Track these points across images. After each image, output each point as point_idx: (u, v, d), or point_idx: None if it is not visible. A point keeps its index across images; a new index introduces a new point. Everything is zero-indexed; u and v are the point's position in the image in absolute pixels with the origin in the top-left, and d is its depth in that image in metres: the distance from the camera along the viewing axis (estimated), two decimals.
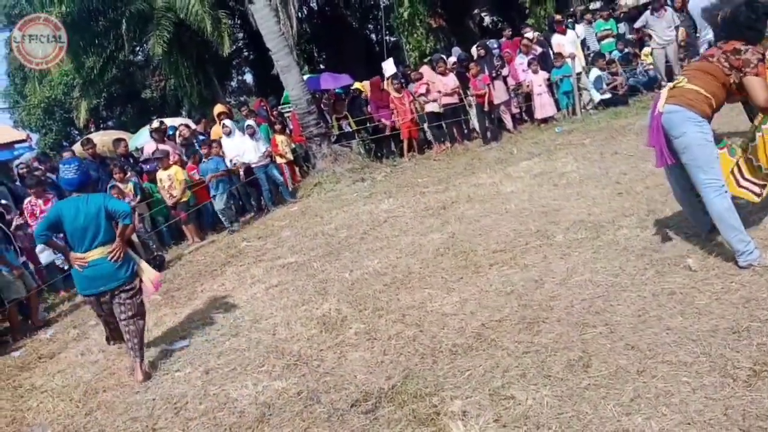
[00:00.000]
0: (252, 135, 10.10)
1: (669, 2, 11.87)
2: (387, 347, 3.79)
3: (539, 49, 11.99)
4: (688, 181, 3.79)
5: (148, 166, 9.55)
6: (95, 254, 4.27)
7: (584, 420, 2.60)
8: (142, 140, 11.95)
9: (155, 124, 10.69)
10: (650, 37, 11.57)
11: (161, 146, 9.76)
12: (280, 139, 10.85)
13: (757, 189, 3.88)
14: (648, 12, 11.59)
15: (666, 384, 2.69)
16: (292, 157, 11.16)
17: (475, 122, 12.00)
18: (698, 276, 3.62)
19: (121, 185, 8.28)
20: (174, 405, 3.76)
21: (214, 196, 9.20)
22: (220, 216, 9.28)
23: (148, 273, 4.59)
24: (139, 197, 8.63)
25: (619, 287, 3.76)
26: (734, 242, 3.57)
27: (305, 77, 13.43)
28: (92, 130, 20.33)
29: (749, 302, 3.18)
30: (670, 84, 3.76)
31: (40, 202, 7.79)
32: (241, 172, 10.06)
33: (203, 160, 9.56)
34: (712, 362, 2.76)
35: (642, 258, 4.09)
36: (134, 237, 7.17)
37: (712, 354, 2.82)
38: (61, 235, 4.44)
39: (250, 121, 10.48)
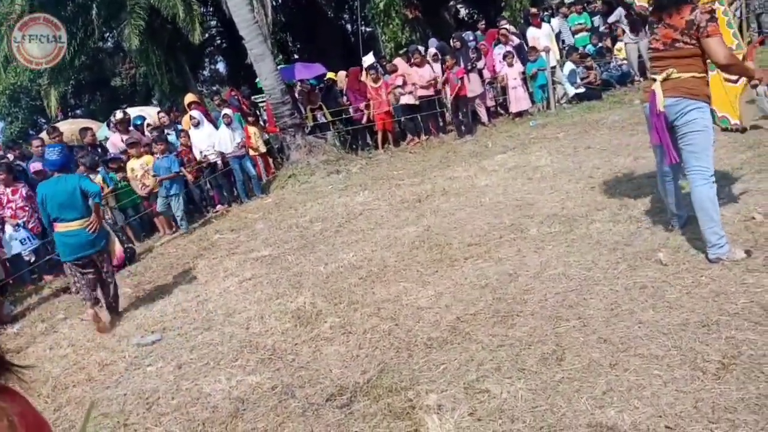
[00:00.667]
0: (228, 124, 9.97)
1: None
2: (362, 341, 3.78)
3: (516, 41, 12.05)
4: (678, 171, 3.91)
5: (112, 154, 9.32)
6: (74, 225, 5.19)
7: (558, 413, 2.63)
8: (106, 132, 11.70)
9: (119, 115, 10.45)
10: (623, 32, 11.70)
11: (127, 135, 9.57)
12: (252, 131, 10.72)
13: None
14: (621, 7, 11.71)
15: (638, 377, 2.73)
16: (264, 149, 11.06)
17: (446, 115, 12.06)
18: (669, 270, 3.68)
19: (91, 176, 8.09)
20: (146, 400, 3.71)
21: (170, 196, 8.85)
22: (178, 216, 8.89)
23: (116, 245, 5.90)
24: (111, 187, 8.46)
25: (592, 281, 3.81)
26: (708, 233, 3.64)
27: (279, 67, 13.27)
28: (60, 118, 19.84)
29: (719, 296, 3.25)
30: (658, 78, 3.77)
31: (9, 191, 7.60)
32: (219, 162, 9.91)
33: (157, 156, 9.05)
34: (683, 355, 2.81)
35: (614, 252, 4.15)
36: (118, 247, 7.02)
37: (682, 347, 2.87)
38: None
39: (227, 110, 10.35)
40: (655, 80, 3.79)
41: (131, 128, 10.49)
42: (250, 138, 10.54)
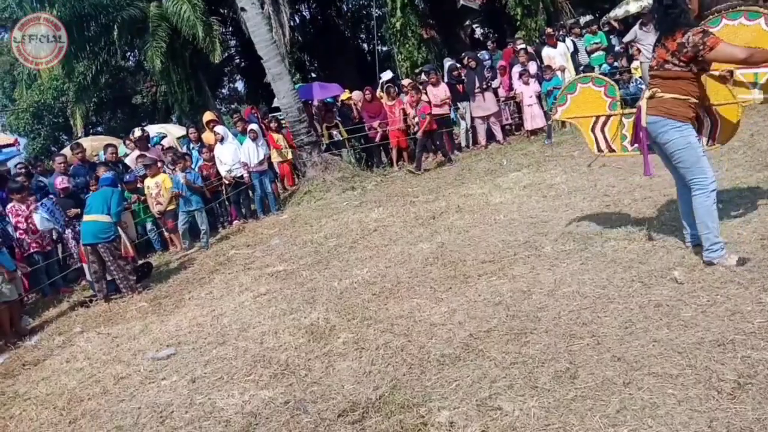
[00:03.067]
0: (254, 139, 10.13)
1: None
2: (375, 357, 3.78)
3: (533, 64, 12.12)
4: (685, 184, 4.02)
5: (128, 177, 9.45)
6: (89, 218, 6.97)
7: (571, 431, 2.61)
8: (124, 150, 11.87)
9: (137, 132, 10.61)
10: (639, 51, 11.70)
11: (148, 154, 9.72)
12: (276, 137, 10.89)
13: (604, 146, 4.59)
14: (637, 26, 11.74)
15: (652, 396, 2.70)
16: (290, 156, 11.19)
17: (462, 134, 12.12)
18: (684, 288, 3.65)
19: None
20: (159, 414, 3.73)
21: (191, 211, 8.97)
22: (202, 230, 8.97)
23: (126, 244, 7.22)
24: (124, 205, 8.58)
25: (606, 299, 3.78)
26: (704, 238, 3.86)
27: (296, 86, 13.45)
28: (81, 135, 20.22)
29: (734, 315, 3.21)
30: (647, 94, 3.95)
31: (23, 207, 7.80)
32: (246, 177, 10.00)
33: (178, 171, 9.15)
34: (698, 374, 2.78)
35: (629, 270, 4.12)
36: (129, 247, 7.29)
37: (697, 366, 2.84)
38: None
39: (254, 125, 10.51)
40: (644, 97, 3.96)
41: (150, 146, 10.67)
42: (276, 142, 10.64)
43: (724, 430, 2.39)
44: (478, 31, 24.26)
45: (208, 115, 11.53)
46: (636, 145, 4.32)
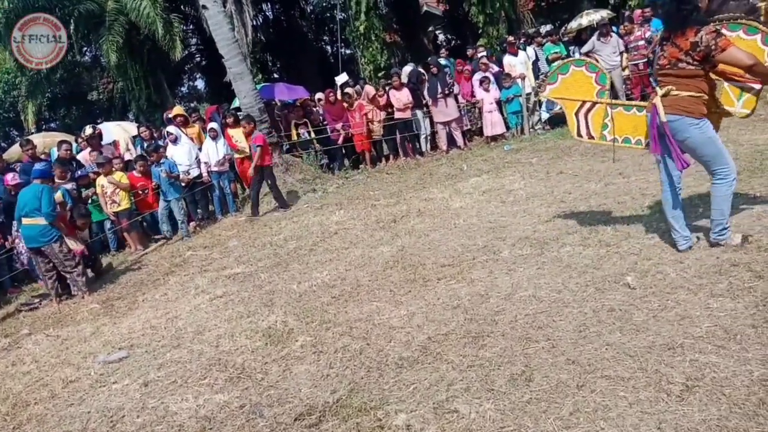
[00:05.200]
0: (214, 138, 9.96)
1: (614, 29, 12.36)
2: (333, 360, 3.76)
3: (495, 68, 12.29)
4: (674, 183, 4.19)
5: (80, 171, 9.24)
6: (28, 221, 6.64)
7: None
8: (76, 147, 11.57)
9: (88, 130, 10.33)
10: (597, 61, 11.97)
11: (95, 154, 9.46)
12: (232, 132, 10.69)
13: (584, 132, 4.71)
14: (595, 37, 12.03)
15: (604, 398, 2.76)
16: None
17: (422, 138, 12.22)
18: (636, 294, 3.74)
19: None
20: (110, 418, 3.62)
21: (169, 200, 8.95)
22: (176, 221, 9.04)
23: (74, 244, 7.01)
24: (69, 204, 8.33)
25: (562, 303, 3.85)
26: (717, 222, 4.04)
27: (259, 86, 13.31)
28: (33, 131, 19.56)
29: (684, 320, 3.31)
30: (659, 92, 4.02)
31: None
32: (205, 176, 9.84)
33: (152, 165, 9.27)
34: (648, 377, 2.85)
35: (584, 275, 4.21)
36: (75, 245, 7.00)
37: (648, 369, 2.91)
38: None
39: (213, 124, 10.33)
40: (657, 94, 4.04)
41: (104, 144, 10.39)
42: (231, 138, 10.47)
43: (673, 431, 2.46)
44: (441, 37, 24.51)
45: (177, 109, 11.33)
46: (639, 140, 4.49)
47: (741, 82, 4.17)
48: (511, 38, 13.19)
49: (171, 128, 10.14)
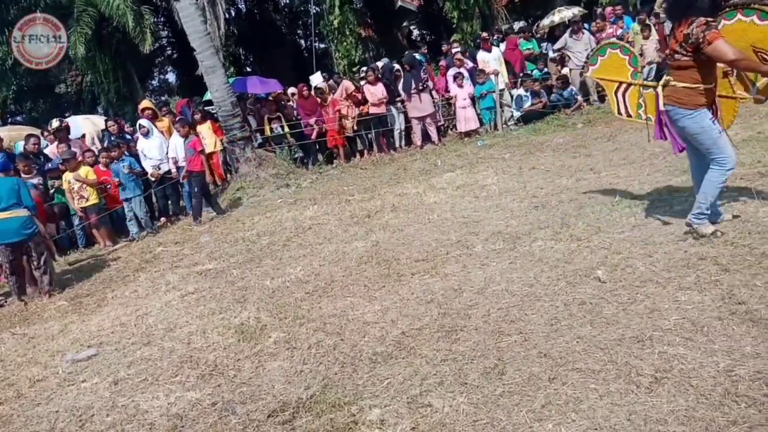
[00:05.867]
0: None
1: (586, 26, 12.50)
2: (307, 356, 3.74)
3: (470, 64, 12.34)
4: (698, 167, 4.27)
5: (50, 165, 9.06)
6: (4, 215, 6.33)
7: (498, 426, 2.66)
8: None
9: (55, 123, 10.10)
10: (569, 58, 12.12)
11: (64, 148, 9.24)
12: (200, 128, 10.56)
13: (623, 110, 4.87)
14: (567, 34, 12.15)
15: (575, 391, 2.79)
16: (216, 148, 10.87)
17: (396, 133, 12.22)
18: (607, 287, 3.80)
19: None
20: (79, 417, 3.55)
21: (129, 198, 8.81)
22: (139, 220, 8.91)
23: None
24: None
25: (534, 297, 3.89)
26: (698, 205, 4.13)
27: (231, 79, 13.15)
28: None
29: (653, 312, 3.37)
30: (662, 81, 4.15)
31: None
32: (174, 172, 9.69)
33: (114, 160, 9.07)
34: (618, 370, 2.89)
35: (555, 269, 4.25)
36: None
37: (618, 362, 2.95)
38: None
39: (181, 121, 10.16)
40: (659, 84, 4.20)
41: (72, 138, 10.17)
42: (202, 137, 10.34)
43: (642, 422, 2.50)
44: (415, 32, 24.52)
45: (145, 103, 11.14)
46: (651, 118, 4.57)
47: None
48: (485, 34, 13.26)
49: (143, 121, 9.96)
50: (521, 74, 12.37)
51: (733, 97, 4.35)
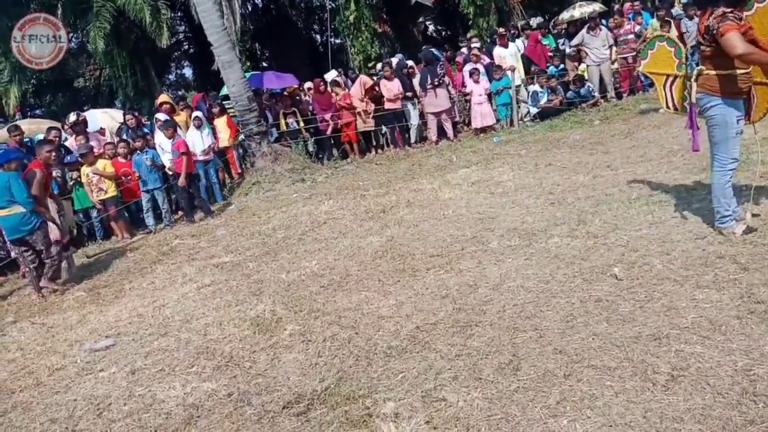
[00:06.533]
0: (198, 127, 9.87)
1: (604, 22, 12.38)
2: (321, 349, 3.76)
3: (487, 60, 12.28)
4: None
5: (69, 158, 9.17)
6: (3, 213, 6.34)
7: (512, 422, 2.66)
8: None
9: (72, 117, 10.21)
10: (586, 54, 12.01)
11: (82, 140, 9.34)
12: (217, 121, 10.63)
13: (670, 103, 4.84)
14: (584, 30, 12.04)
15: (591, 387, 2.78)
16: (232, 142, 10.93)
17: (413, 129, 12.21)
18: (623, 285, 3.78)
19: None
20: (96, 406, 3.61)
21: (150, 190, 8.88)
22: (157, 212, 8.98)
23: (54, 231, 6.72)
24: (55, 192, 8.25)
25: (549, 293, 3.88)
26: (716, 210, 4.20)
27: (247, 74, 13.21)
28: (18, 117, 19.29)
29: (670, 311, 3.34)
30: (695, 72, 4.19)
31: None
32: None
33: (137, 152, 9.19)
34: (634, 367, 2.88)
35: (571, 266, 4.23)
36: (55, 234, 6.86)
37: (634, 359, 2.94)
38: None
39: (198, 113, 10.24)
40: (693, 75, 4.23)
41: (91, 131, 10.28)
42: (218, 131, 10.39)
43: (658, 420, 2.49)
44: (431, 28, 24.45)
45: (163, 97, 11.22)
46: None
47: None
48: (501, 30, 13.18)
49: (160, 115, 10.04)
50: (545, 70, 12.28)
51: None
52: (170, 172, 9.52)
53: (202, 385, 3.59)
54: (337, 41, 23.05)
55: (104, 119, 12.53)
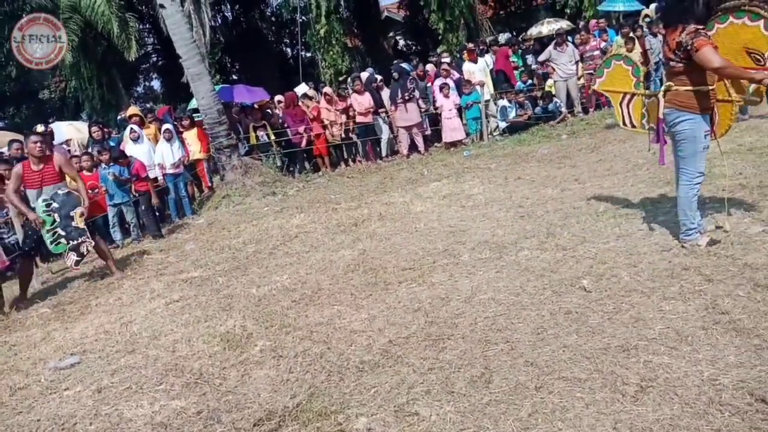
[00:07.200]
0: (169, 140, 9.75)
1: (570, 39, 12.65)
2: (293, 365, 3.72)
3: (456, 75, 12.43)
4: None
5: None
6: None
7: None
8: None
9: (39, 129, 9.99)
10: (553, 69, 12.25)
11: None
12: (186, 134, 10.53)
13: (628, 121, 5.00)
14: (551, 46, 12.29)
15: (562, 399, 2.81)
16: (202, 156, 10.82)
17: (384, 143, 12.27)
18: (592, 297, 3.83)
19: None
20: (61, 426, 3.49)
21: (117, 204, 8.72)
22: (124, 227, 8.83)
23: None
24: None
25: (520, 306, 3.91)
26: (682, 223, 4.29)
27: (217, 87, 13.13)
28: None
29: (638, 322, 3.40)
30: (663, 88, 4.26)
31: None
32: (161, 179, 9.62)
33: (102, 166, 9.01)
34: (604, 378, 2.91)
35: (541, 278, 4.28)
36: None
37: (603, 371, 2.98)
38: None
39: (168, 125, 10.13)
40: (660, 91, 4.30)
41: (56, 144, 10.07)
42: (187, 144, 10.28)
43: (628, 431, 2.52)
44: (401, 43, 24.66)
45: (132, 109, 11.09)
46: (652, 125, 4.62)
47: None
48: (470, 45, 13.36)
49: (134, 126, 9.92)
50: (515, 85, 12.48)
51: (730, 100, 4.41)
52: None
53: (171, 403, 3.52)
54: (308, 55, 23.08)
55: (70, 131, 12.29)
